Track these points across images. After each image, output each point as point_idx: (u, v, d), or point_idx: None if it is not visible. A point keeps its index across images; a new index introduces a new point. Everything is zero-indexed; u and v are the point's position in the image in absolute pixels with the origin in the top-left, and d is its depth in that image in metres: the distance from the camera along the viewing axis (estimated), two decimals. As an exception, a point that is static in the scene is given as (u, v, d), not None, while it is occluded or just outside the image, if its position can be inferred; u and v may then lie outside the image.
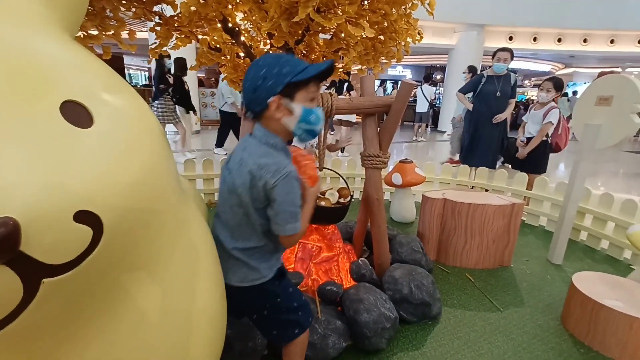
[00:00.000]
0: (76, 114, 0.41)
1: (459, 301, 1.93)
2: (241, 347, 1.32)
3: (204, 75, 12.59)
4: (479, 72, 4.78)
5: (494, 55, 3.59)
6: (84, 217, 0.38)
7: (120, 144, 0.45)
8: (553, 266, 2.39)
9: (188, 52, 6.81)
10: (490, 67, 3.68)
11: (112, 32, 2.01)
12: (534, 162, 3.36)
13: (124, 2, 1.98)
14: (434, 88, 10.60)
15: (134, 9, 2.06)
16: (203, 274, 0.69)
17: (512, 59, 3.54)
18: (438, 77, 14.52)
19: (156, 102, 5.26)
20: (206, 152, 6.40)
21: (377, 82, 13.66)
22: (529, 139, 3.34)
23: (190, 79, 8.52)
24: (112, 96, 0.48)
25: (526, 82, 19.61)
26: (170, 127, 5.61)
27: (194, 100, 8.86)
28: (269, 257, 1.06)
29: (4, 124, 0.36)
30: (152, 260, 0.54)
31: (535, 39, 10.55)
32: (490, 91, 3.63)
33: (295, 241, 1.03)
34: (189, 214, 0.73)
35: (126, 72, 13.82)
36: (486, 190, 3.27)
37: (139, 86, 13.29)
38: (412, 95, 1.83)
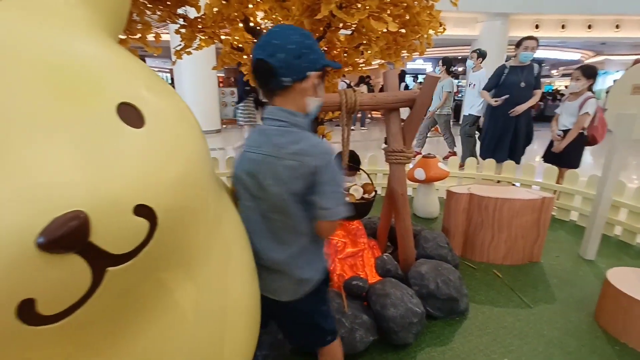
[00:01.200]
0: (130, 114, 0.44)
1: (487, 297, 1.90)
2: (271, 340, 1.35)
3: (223, 74, 12.78)
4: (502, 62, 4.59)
5: (519, 44, 3.44)
6: (142, 210, 0.41)
7: (168, 142, 0.48)
8: (585, 262, 2.31)
9: (209, 53, 6.94)
10: (514, 56, 3.55)
11: (138, 35, 2.08)
12: (569, 156, 3.18)
13: (149, 5, 2.04)
14: (455, 80, 10.33)
15: (159, 12, 2.13)
16: (237, 270, 0.71)
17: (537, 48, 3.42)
18: (460, 69, 14.15)
19: (241, 104, 5.14)
20: (228, 151, 6.51)
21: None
22: (564, 132, 3.16)
23: (211, 79, 8.70)
24: (158, 97, 0.51)
25: (554, 71, 18.80)
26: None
27: (214, 101, 9.05)
28: (316, 257, 0.99)
29: (71, 126, 0.39)
30: (192, 254, 0.56)
31: (563, 27, 10.10)
32: (514, 82, 3.49)
33: (335, 228, 0.96)
34: (224, 209, 0.76)
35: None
36: (513, 185, 3.18)
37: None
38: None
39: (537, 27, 10.11)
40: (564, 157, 3.19)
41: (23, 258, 0.33)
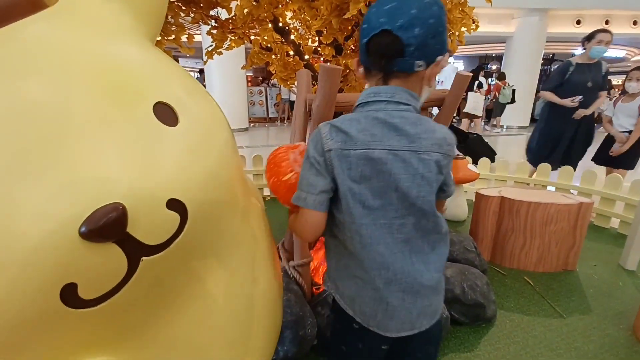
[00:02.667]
0: (165, 114, 0.47)
1: (516, 305, 1.83)
2: (292, 335, 1.37)
3: (251, 74, 13.02)
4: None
5: (590, 38, 3.05)
6: (174, 204, 0.44)
7: (200, 140, 0.50)
8: (625, 272, 2.17)
9: (238, 53, 7.10)
10: (584, 52, 3.13)
11: (173, 37, 2.16)
12: (627, 157, 3.00)
13: (183, 8, 2.12)
14: (489, 79, 9.96)
15: (192, 14, 2.20)
16: (263, 262, 0.73)
17: None
18: (494, 67, 13.63)
19: None
20: (255, 149, 6.64)
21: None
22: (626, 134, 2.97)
23: (240, 78, 8.89)
24: (191, 96, 0.54)
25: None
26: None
27: (242, 99, 9.24)
28: None
29: (110, 124, 0.42)
30: (222, 245, 0.59)
31: (607, 22, 9.50)
32: (581, 81, 3.09)
33: None
34: (251, 204, 0.78)
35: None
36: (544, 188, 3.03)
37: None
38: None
39: (578, 22, 9.56)
40: (620, 158, 3.00)
41: (68, 245, 0.36)
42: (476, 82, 7.89)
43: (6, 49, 0.39)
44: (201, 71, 11.71)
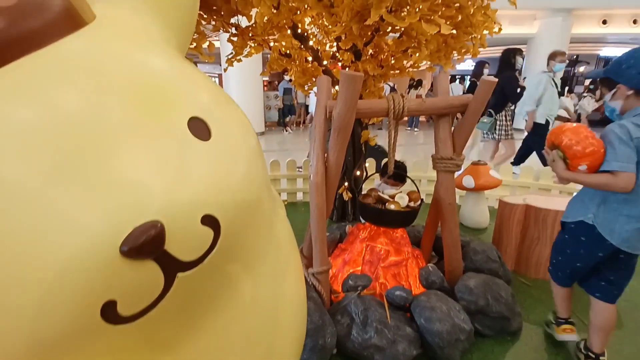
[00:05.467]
0: (199, 128, 0.47)
1: (543, 317, 1.75)
2: (312, 344, 1.35)
3: (267, 79, 13.15)
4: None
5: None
6: (208, 220, 0.44)
7: (231, 154, 0.50)
8: (661, 285, 2.05)
9: (255, 58, 7.19)
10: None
11: (194, 44, 2.20)
12: None
13: (205, 16, 2.15)
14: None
15: (213, 22, 2.24)
16: (288, 270, 0.73)
17: None
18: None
19: (498, 116, 4.22)
20: (271, 153, 6.68)
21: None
22: None
23: (257, 83, 9.00)
24: (222, 109, 0.54)
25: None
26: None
27: (259, 104, 9.35)
28: None
29: (147, 139, 0.42)
30: (249, 257, 0.59)
31: (635, 22, 9.14)
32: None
33: None
34: (275, 212, 0.78)
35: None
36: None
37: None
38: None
39: (604, 22, 9.24)
40: None
41: (109, 263, 0.37)
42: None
43: (49, 65, 0.40)
44: (219, 76, 11.91)
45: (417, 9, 1.59)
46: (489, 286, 1.61)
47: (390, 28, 1.97)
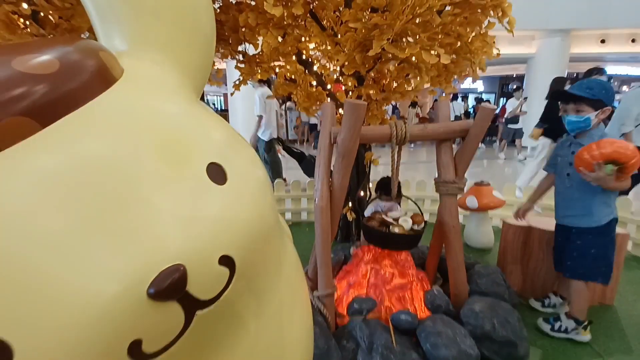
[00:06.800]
0: (216, 173, 0.51)
1: (550, 343, 1.74)
2: (317, 371, 1.35)
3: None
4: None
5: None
6: (224, 260, 0.47)
7: (246, 197, 0.54)
8: (670, 309, 2.03)
9: (261, 79, 7.34)
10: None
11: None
12: None
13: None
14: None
15: (222, 50, 2.33)
16: (297, 305, 0.75)
17: None
18: (514, 86, 13.45)
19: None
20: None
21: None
22: None
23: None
24: (235, 152, 0.58)
25: (624, 88, 17.23)
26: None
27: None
28: None
29: (169, 185, 0.46)
30: (260, 290, 0.61)
31: (634, 41, 9.29)
32: None
33: None
34: (283, 244, 0.80)
35: (205, 97, 15.34)
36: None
37: (218, 111, 14.62)
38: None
39: (603, 41, 9.40)
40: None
41: (137, 306, 0.40)
42: None
43: (88, 123, 0.44)
44: (224, 95, 12.14)
45: (417, 37, 1.66)
46: (494, 310, 1.61)
47: (391, 55, 2.05)
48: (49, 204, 0.38)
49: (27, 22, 1.47)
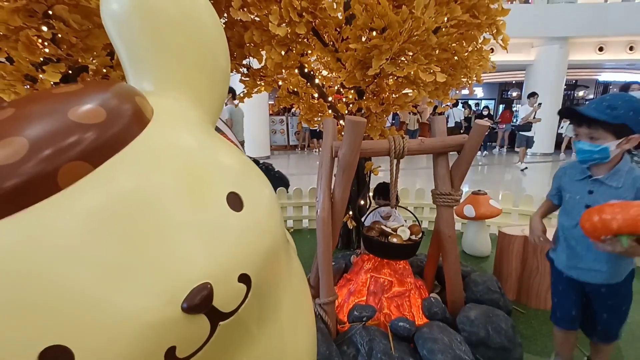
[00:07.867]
0: (234, 201, 0.58)
1: (544, 349, 1.80)
2: (319, 376, 1.41)
3: (272, 102, 13.51)
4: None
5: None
6: (243, 278, 0.55)
7: (260, 221, 0.62)
8: (662, 316, 2.08)
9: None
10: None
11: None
12: None
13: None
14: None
15: (227, 64, 2.41)
16: (302, 314, 0.82)
17: None
18: (514, 94, 13.59)
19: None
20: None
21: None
22: None
23: (262, 108, 9.30)
24: (251, 181, 0.66)
25: (622, 93, 17.30)
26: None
27: (265, 128, 9.60)
28: None
29: (195, 213, 0.54)
30: (270, 302, 0.68)
31: (631, 49, 9.41)
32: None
33: None
34: (289, 257, 0.88)
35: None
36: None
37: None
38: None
39: (601, 49, 9.52)
40: None
41: (173, 318, 0.48)
42: None
43: (132, 162, 0.52)
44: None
45: (415, 53, 1.74)
46: (489, 317, 1.67)
47: (390, 72, 2.13)
48: (101, 236, 0.45)
49: (46, 43, 1.56)
